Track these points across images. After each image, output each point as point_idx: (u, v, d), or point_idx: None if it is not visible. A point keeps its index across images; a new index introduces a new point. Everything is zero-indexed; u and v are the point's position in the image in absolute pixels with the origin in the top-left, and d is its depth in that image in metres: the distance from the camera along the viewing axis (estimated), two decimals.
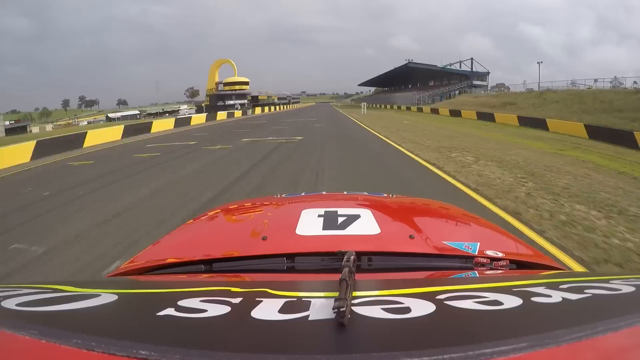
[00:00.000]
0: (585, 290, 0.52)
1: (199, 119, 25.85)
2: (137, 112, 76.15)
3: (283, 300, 0.49)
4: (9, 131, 42.18)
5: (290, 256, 0.84)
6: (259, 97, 68.22)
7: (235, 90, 60.72)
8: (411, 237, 0.90)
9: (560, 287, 0.54)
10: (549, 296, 0.49)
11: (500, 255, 0.86)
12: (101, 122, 59.40)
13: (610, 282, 0.58)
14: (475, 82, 49.46)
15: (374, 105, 60.29)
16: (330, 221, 0.97)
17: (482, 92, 43.70)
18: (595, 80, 30.56)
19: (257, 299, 0.49)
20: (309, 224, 0.96)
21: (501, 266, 0.83)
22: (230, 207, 1.42)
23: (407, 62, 55.72)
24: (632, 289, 0.54)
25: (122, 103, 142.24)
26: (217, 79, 63.28)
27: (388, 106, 53.45)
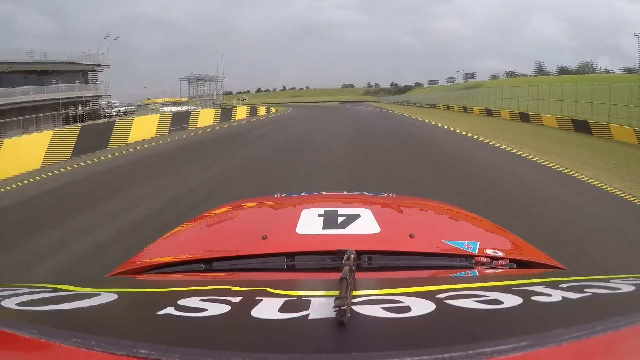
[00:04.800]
0: (585, 290, 0.52)
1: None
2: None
3: (283, 299, 0.49)
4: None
5: (290, 255, 0.84)
6: None
7: None
8: (411, 236, 0.90)
9: (560, 286, 0.54)
10: (549, 295, 0.49)
11: (500, 254, 0.86)
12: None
13: (610, 281, 0.58)
14: None
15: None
16: (330, 220, 0.97)
17: None
18: None
19: (257, 298, 0.49)
20: (309, 223, 0.96)
21: (501, 265, 0.83)
22: (230, 207, 1.42)
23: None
24: (632, 288, 0.54)
25: None
26: None
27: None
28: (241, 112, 24.40)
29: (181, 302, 0.48)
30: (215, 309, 0.46)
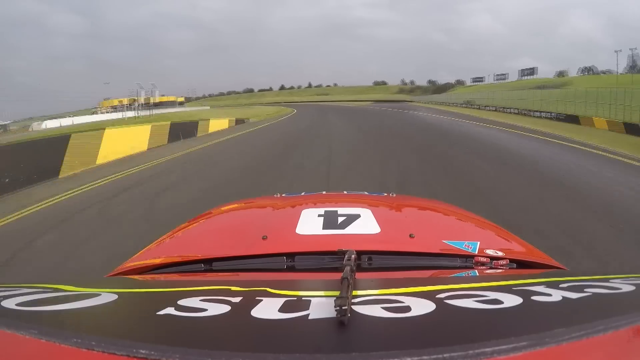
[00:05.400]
0: (585, 289, 0.51)
1: None
2: None
3: (283, 300, 0.49)
4: None
5: (290, 255, 0.84)
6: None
7: None
8: (411, 236, 0.90)
9: (560, 286, 0.54)
10: (549, 295, 0.49)
11: (500, 254, 0.86)
12: None
13: (610, 281, 0.58)
14: None
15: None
16: (330, 221, 0.97)
17: None
18: None
19: (257, 298, 0.49)
20: (309, 223, 0.96)
21: (501, 265, 0.83)
22: (230, 207, 1.42)
23: None
24: (632, 288, 0.54)
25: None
26: None
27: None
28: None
29: (181, 302, 0.48)
30: (215, 309, 0.46)
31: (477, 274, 0.78)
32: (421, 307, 0.45)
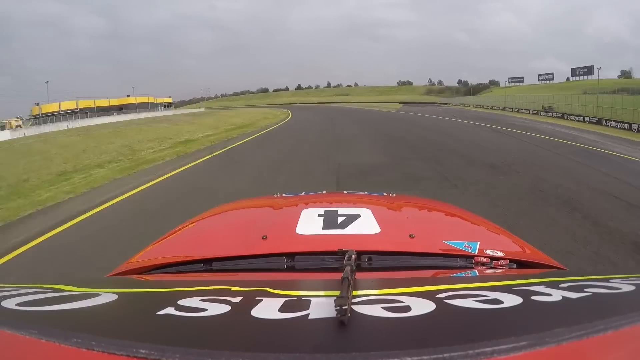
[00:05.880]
0: (585, 289, 0.51)
1: None
2: None
3: (283, 299, 0.49)
4: None
5: (290, 255, 0.84)
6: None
7: None
8: (411, 236, 0.90)
9: (560, 286, 0.54)
10: (549, 295, 0.49)
11: (500, 254, 0.86)
12: None
13: (610, 281, 0.58)
14: None
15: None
16: (330, 220, 0.97)
17: None
18: None
19: (257, 298, 0.50)
20: (309, 223, 0.96)
21: (501, 265, 0.83)
22: (230, 207, 1.42)
23: None
24: (632, 288, 0.54)
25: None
26: None
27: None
28: None
29: (181, 302, 0.49)
30: (215, 309, 0.46)
31: (477, 274, 0.78)
32: (421, 307, 0.45)
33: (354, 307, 0.44)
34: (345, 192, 1.72)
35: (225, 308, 0.46)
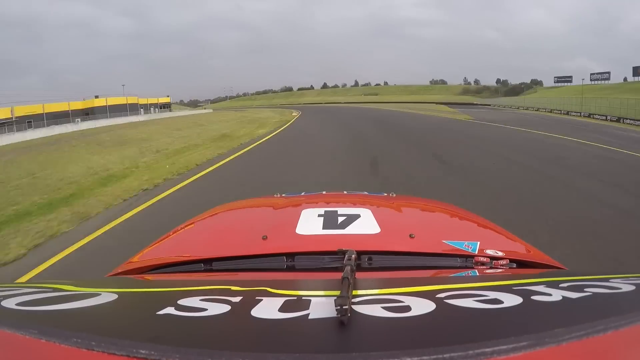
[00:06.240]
0: (585, 289, 0.51)
1: None
2: None
3: (283, 299, 0.49)
4: None
5: (290, 255, 0.84)
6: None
7: None
8: (411, 236, 0.90)
9: (560, 285, 0.54)
10: (549, 295, 0.49)
11: (500, 254, 0.86)
12: None
13: (610, 281, 0.58)
14: None
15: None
16: (330, 221, 0.97)
17: None
18: None
19: (257, 297, 0.50)
20: (309, 223, 0.96)
21: (501, 265, 0.83)
22: (230, 207, 1.43)
23: None
24: (632, 287, 0.54)
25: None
26: None
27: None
28: None
29: (181, 302, 0.49)
30: (215, 309, 0.46)
31: (477, 274, 0.78)
32: (421, 306, 0.45)
33: (354, 307, 0.44)
34: (345, 192, 1.72)
35: (225, 308, 0.46)
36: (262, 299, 0.49)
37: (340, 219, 0.97)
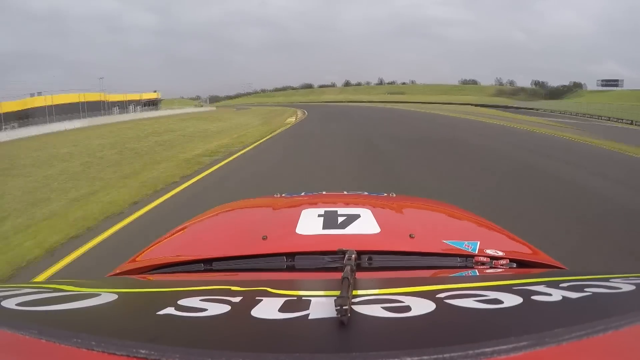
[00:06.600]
0: (586, 289, 0.51)
1: None
2: None
3: (283, 299, 0.49)
4: None
5: (290, 255, 0.84)
6: None
7: None
8: (411, 236, 0.90)
9: (561, 285, 0.54)
10: (549, 295, 0.49)
11: (500, 254, 0.86)
12: None
13: (610, 280, 0.58)
14: None
15: None
16: (330, 220, 0.97)
17: None
18: None
19: (257, 298, 0.50)
20: (309, 223, 0.96)
21: (501, 265, 0.83)
22: (230, 207, 1.43)
23: None
24: (632, 287, 0.54)
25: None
26: None
27: None
28: None
29: (181, 302, 0.49)
30: (215, 309, 0.46)
31: (477, 274, 0.78)
32: (421, 306, 0.45)
33: (354, 307, 0.44)
34: (345, 192, 1.72)
35: (225, 308, 0.46)
36: (262, 299, 0.49)
37: (340, 219, 0.98)
